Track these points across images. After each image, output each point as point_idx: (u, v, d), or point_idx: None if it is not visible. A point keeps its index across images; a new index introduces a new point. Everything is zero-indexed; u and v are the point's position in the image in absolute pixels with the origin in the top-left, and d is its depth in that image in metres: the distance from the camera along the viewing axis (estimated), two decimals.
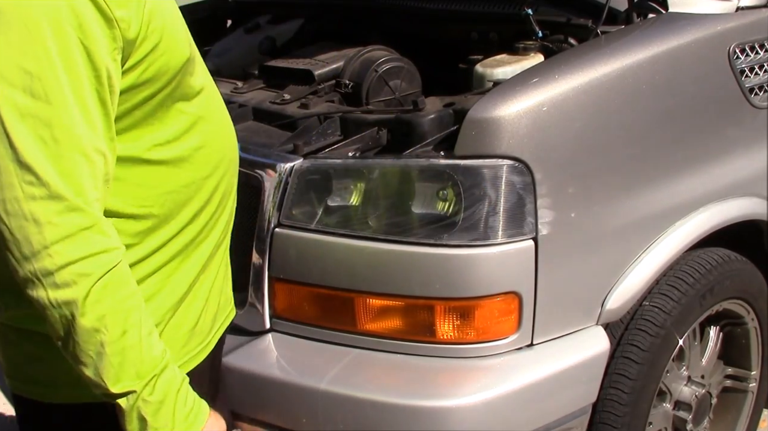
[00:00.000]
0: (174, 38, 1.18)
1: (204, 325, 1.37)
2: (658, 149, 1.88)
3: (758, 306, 2.21)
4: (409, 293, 1.73)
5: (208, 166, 1.30)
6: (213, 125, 1.30)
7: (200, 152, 1.27)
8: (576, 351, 1.82)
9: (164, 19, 1.16)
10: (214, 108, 1.32)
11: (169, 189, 1.24)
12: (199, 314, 1.35)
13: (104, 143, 1.10)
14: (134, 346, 1.13)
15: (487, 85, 1.96)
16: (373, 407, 1.71)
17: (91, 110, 1.08)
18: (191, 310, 1.33)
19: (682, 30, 1.92)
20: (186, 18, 1.29)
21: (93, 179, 1.09)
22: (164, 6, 1.18)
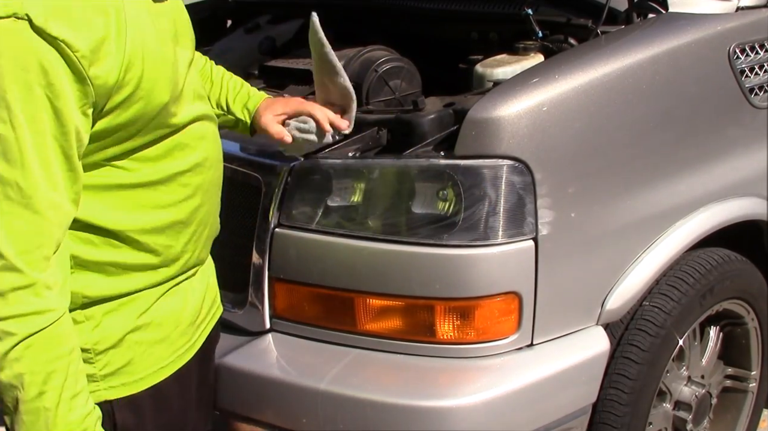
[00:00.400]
0: (153, 84, 1.18)
1: (183, 330, 1.38)
2: (659, 149, 1.88)
3: (758, 306, 2.21)
4: (409, 293, 1.73)
5: (187, 188, 1.31)
6: (198, 152, 1.32)
7: (180, 176, 1.29)
8: (576, 351, 1.82)
9: (144, 66, 1.15)
10: (201, 135, 1.33)
11: (146, 210, 1.26)
12: (178, 319, 1.36)
13: (65, 196, 1.11)
14: (50, 409, 1.12)
15: (487, 85, 1.96)
16: (373, 407, 1.71)
17: (53, 167, 1.09)
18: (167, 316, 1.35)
19: (682, 30, 1.92)
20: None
21: (43, 236, 1.09)
22: (147, 52, 1.16)
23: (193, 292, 1.40)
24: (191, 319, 1.40)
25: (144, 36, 1.16)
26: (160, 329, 1.33)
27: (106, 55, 1.09)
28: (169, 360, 1.36)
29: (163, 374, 1.35)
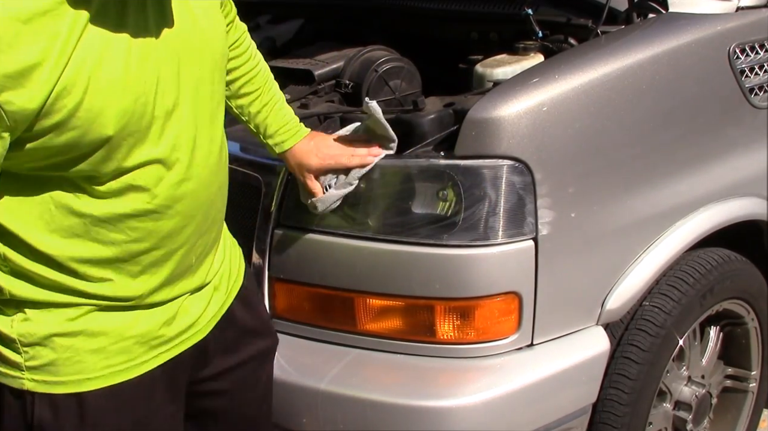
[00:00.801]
0: (94, 116, 1.11)
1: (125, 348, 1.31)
2: (659, 149, 1.88)
3: (758, 306, 2.22)
4: (409, 293, 1.73)
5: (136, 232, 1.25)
6: (158, 199, 1.24)
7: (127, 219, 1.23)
8: (576, 351, 1.82)
9: (84, 96, 1.10)
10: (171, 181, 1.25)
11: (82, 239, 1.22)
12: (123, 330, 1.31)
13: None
14: None
15: (487, 85, 1.96)
16: (373, 407, 1.71)
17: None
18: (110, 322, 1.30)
19: (682, 30, 1.92)
20: None
21: None
22: (94, 81, 1.10)
23: (151, 316, 1.33)
24: (139, 339, 1.32)
25: (98, 64, 1.10)
26: (92, 340, 1.27)
27: (29, 81, 1.05)
28: (99, 373, 1.29)
29: (90, 385, 1.29)
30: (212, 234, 1.40)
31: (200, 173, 1.29)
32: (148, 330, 1.33)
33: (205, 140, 1.30)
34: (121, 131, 1.15)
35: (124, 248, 1.25)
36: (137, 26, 1.15)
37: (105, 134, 1.13)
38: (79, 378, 1.28)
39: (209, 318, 1.44)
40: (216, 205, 1.38)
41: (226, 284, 1.49)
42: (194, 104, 1.26)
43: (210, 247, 1.41)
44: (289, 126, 1.66)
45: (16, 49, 1.03)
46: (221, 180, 1.39)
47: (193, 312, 1.40)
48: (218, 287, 1.47)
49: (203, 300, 1.42)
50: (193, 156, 1.27)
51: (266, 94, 1.63)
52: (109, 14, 1.12)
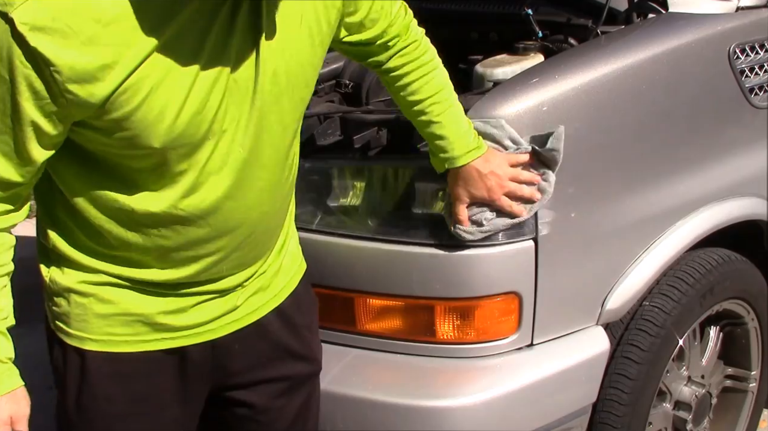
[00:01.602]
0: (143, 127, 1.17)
1: (128, 322, 1.36)
2: (658, 149, 1.88)
3: (758, 306, 2.21)
4: (409, 293, 1.73)
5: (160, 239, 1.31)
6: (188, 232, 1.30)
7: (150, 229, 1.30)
8: (576, 351, 1.82)
9: (137, 108, 1.15)
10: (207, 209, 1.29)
11: (113, 222, 1.29)
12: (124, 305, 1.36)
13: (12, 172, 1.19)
14: None
15: (487, 85, 1.96)
16: (373, 407, 1.71)
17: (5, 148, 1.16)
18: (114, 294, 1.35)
19: (682, 30, 1.92)
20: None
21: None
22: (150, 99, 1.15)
23: (162, 303, 1.37)
24: (145, 320, 1.36)
25: (161, 82, 1.15)
26: (100, 305, 1.35)
27: (94, 79, 1.11)
28: (100, 337, 1.36)
29: (91, 345, 1.36)
30: (254, 252, 1.41)
31: (243, 195, 1.31)
32: (155, 314, 1.36)
33: (256, 166, 1.30)
34: (169, 145, 1.20)
35: (153, 240, 1.31)
36: (214, 54, 1.18)
37: (152, 145, 1.19)
38: (82, 336, 1.36)
39: (227, 322, 1.43)
40: (261, 227, 1.38)
41: (261, 297, 1.47)
42: (255, 132, 1.27)
43: (250, 261, 1.41)
44: (459, 143, 1.59)
45: (90, 49, 1.09)
46: (271, 207, 1.38)
47: (209, 312, 1.41)
48: (248, 297, 1.45)
49: (225, 304, 1.42)
50: (238, 178, 1.29)
51: (435, 106, 1.57)
52: (188, 37, 1.15)
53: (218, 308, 1.41)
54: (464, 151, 1.59)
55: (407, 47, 1.57)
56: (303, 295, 1.56)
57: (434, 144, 1.59)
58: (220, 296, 1.41)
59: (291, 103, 1.31)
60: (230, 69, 1.20)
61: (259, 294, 1.47)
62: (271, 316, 1.49)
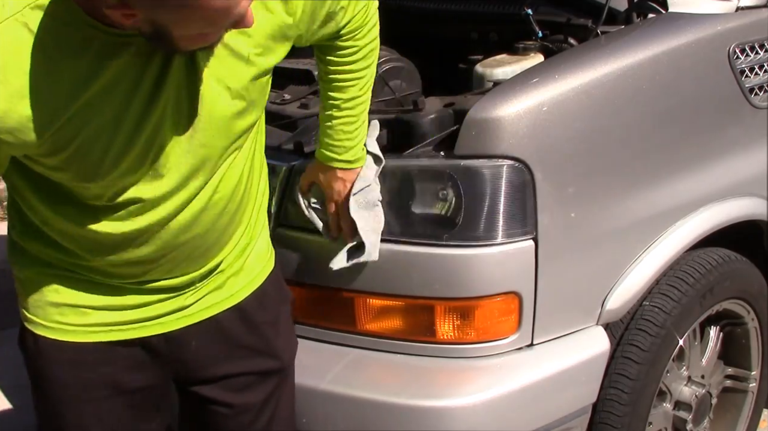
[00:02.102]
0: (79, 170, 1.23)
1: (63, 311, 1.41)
2: (658, 149, 1.88)
3: (758, 306, 2.21)
4: (409, 293, 1.73)
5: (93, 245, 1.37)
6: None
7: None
8: (576, 351, 1.82)
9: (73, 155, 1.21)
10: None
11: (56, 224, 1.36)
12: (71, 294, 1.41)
13: None
14: None
15: (487, 85, 1.96)
16: (373, 407, 1.71)
17: None
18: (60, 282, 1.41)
19: (682, 30, 1.92)
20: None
21: None
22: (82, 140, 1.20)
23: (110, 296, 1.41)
24: (94, 310, 1.41)
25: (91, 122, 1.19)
26: (53, 294, 1.40)
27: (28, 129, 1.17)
28: (52, 325, 1.42)
29: (43, 331, 1.42)
30: (202, 259, 1.44)
31: (187, 220, 1.36)
32: (104, 306, 1.41)
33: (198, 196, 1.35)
34: (109, 184, 1.26)
35: (101, 252, 1.36)
36: (150, 94, 1.22)
37: (91, 182, 1.26)
38: (37, 322, 1.43)
39: (178, 317, 1.47)
40: (209, 240, 1.42)
41: (216, 295, 1.51)
42: (196, 166, 1.31)
43: (199, 266, 1.45)
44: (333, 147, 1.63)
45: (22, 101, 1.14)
46: (216, 224, 1.41)
47: (159, 309, 1.45)
48: (202, 296, 1.49)
49: (175, 303, 1.46)
50: (180, 207, 1.34)
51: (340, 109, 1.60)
52: (122, 83, 1.19)
53: (168, 305, 1.45)
54: (330, 155, 1.63)
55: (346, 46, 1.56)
56: (269, 292, 1.58)
57: (327, 141, 1.63)
58: (170, 295, 1.45)
59: (233, 134, 1.34)
60: (167, 108, 1.24)
61: (214, 293, 1.50)
62: (229, 313, 1.52)
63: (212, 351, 1.52)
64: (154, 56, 1.19)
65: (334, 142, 1.62)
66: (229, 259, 1.49)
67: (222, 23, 1.11)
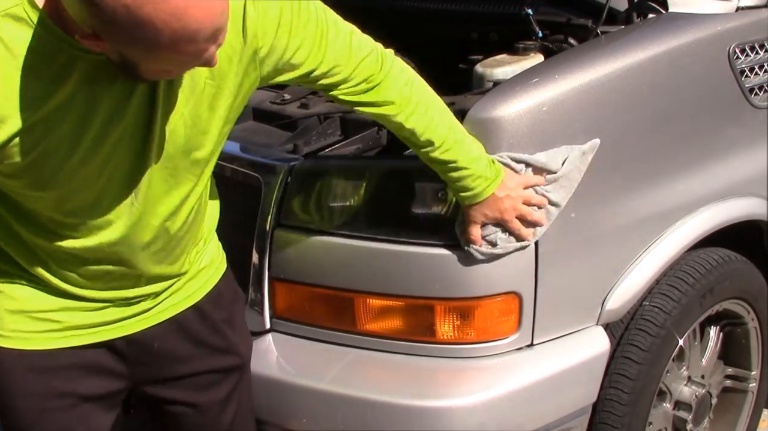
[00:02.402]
0: (35, 179, 1.24)
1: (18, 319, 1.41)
2: (659, 149, 1.88)
3: (758, 306, 2.21)
4: (409, 293, 1.73)
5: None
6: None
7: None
8: (576, 351, 1.82)
9: (30, 164, 1.21)
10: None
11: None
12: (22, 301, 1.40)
13: None
14: None
15: (487, 85, 1.96)
16: (373, 407, 1.71)
17: None
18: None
19: (682, 30, 1.92)
20: None
21: None
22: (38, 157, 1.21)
23: (70, 302, 1.41)
24: (53, 317, 1.41)
25: (55, 139, 1.21)
26: (11, 301, 1.40)
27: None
28: (11, 334, 1.40)
29: (3, 342, 1.41)
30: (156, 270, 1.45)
31: (138, 237, 1.38)
32: (61, 312, 1.41)
33: (149, 214, 1.36)
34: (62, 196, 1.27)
35: (55, 264, 1.38)
36: (110, 112, 1.23)
37: (45, 193, 1.26)
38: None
39: (138, 320, 1.48)
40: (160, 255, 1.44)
41: (175, 297, 1.52)
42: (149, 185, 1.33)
43: (155, 279, 1.46)
44: (479, 180, 1.58)
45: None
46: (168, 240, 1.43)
47: (118, 313, 1.46)
48: (161, 301, 1.50)
49: (134, 308, 1.47)
50: (131, 224, 1.35)
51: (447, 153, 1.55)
52: (81, 96, 1.20)
53: (129, 310, 1.47)
54: (485, 185, 1.59)
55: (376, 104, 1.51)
56: (223, 292, 1.61)
57: (456, 186, 1.60)
58: (128, 303, 1.46)
59: (189, 158, 1.35)
60: (126, 127, 1.25)
61: (173, 295, 1.52)
62: (188, 313, 1.54)
63: (174, 351, 1.54)
64: (119, 76, 1.20)
65: (464, 183, 1.58)
66: (185, 266, 1.52)
67: (188, 65, 1.15)
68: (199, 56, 1.12)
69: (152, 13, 1.03)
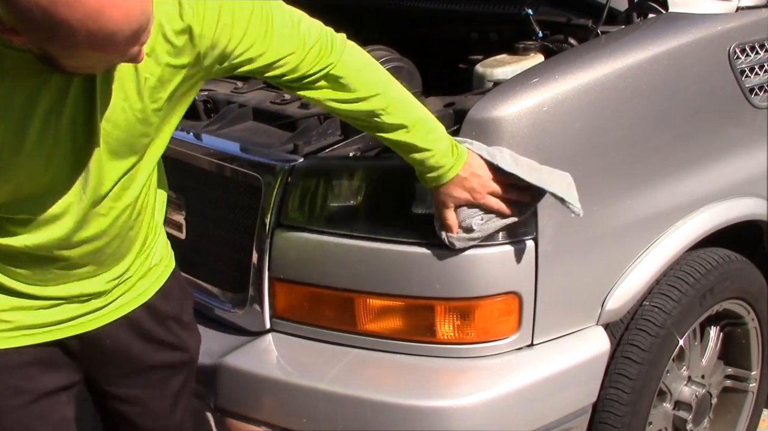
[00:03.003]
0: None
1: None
2: (659, 149, 1.88)
3: (758, 306, 2.22)
4: (409, 293, 1.72)
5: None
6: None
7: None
8: (576, 351, 1.82)
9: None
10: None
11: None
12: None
13: None
14: None
15: (487, 85, 1.96)
16: (373, 407, 1.71)
17: None
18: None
19: (682, 30, 1.92)
20: None
21: None
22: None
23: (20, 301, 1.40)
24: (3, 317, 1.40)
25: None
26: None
27: None
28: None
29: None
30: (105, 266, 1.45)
31: (86, 234, 1.36)
32: (12, 311, 1.40)
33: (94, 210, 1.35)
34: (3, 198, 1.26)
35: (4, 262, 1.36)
36: (48, 109, 1.21)
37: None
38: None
39: (91, 319, 1.48)
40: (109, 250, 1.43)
41: (127, 296, 1.53)
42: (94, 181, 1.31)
43: (102, 272, 1.46)
44: (442, 163, 1.56)
45: None
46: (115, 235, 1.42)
47: (71, 312, 1.45)
48: (113, 300, 1.50)
49: (87, 307, 1.47)
50: (78, 221, 1.34)
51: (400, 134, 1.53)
52: (18, 95, 1.18)
53: (82, 308, 1.47)
54: (449, 165, 1.57)
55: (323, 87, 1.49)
56: (172, 289, 1.62)
57: (420, 168, 1.59)
58: (81, 301, 1.46)
59: (131, 151, 1.34)
60: (66, 120, 1.23)
61: (125, 294, 1.53)
62: (140, 311, 1.55)
63: (125, 348, 1.54)
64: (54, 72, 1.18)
65: (428, 164, 1.56)
66: (135, 265, 1.52)
67: (111, 63, 1.14)
68: (122, 55, 1.09)
69: (67, 14, 1.00)
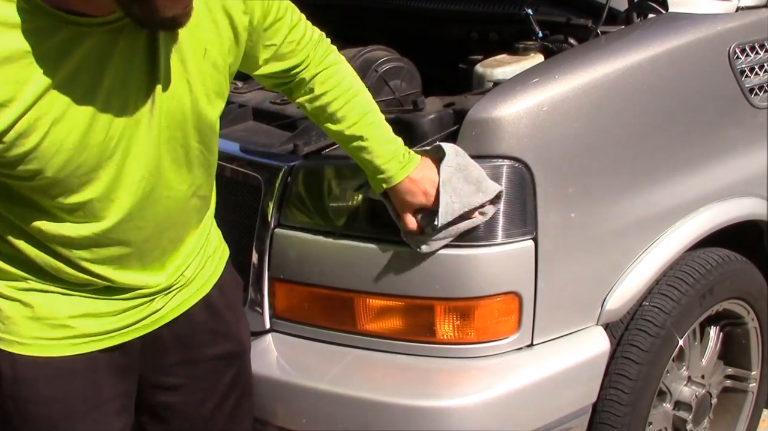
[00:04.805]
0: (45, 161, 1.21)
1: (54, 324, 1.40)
2: (658, 149, 1.88)
3: (758, 306, 2.22)
4: (408, 294, 1.72)
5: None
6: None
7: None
8: (576, 351, 1.82)
9: (38, 145, 1.19)
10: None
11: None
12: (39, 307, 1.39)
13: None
14: None
15: (487, 85, 1.96)
16: (373, 407, 1.71)
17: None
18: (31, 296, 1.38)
19: (682, 30, 1.92)
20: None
21: None
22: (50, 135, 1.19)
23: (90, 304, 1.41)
24: (74, 322, 1.40)
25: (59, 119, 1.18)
26: (27, 309, 1.38)
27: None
28: (29, 341, 1.39)
29: (20, 349, 1.39)
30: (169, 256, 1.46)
31: (151, 215, 1.37)
32: (80, 318, 1.40)
33: (161, 188, 1.36)
34: (71, 174, 1.25)
35: (69, 256, 1.35)
36: (114, 87, 1.22)
37: (53, 176, 1.23)
38: (11, 340, 1.39)
39: (153, 320, 1.49)
40: (173, 237, 1.45)
41: (186, 292, 1.53)
42: (157, 159, 1.32)
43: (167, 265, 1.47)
44: (393, 162, 1.59)
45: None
46: (180, 219, 1.44)
47: (134, 315, 1.46)
48: (173, 297, 1.50)
49: (150, 308, 1.47)
50: (143, 200, 1.34)
51: (363, 130, 1.57)
52: (86, 72, 1.19)
53: (142, 311, 1.46)
54: (398, 168, 1.59)
55: (322, 72, 1.57)
56: (226, 278, 1.62)
57: (367, 168, 1.60)
58: (143, 300, 1.46)
59: (196, 129, 1.35)
60: (131, 100, 1.25)
61: (184, 290, 1.52)
62: (198, 304, 1.55)
63: (180, 341, 1.54)
64: (116, 47, 1.20)
65: (375, 164, 1.58)
66: (193, 257, 1.52)
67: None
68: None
69: None
